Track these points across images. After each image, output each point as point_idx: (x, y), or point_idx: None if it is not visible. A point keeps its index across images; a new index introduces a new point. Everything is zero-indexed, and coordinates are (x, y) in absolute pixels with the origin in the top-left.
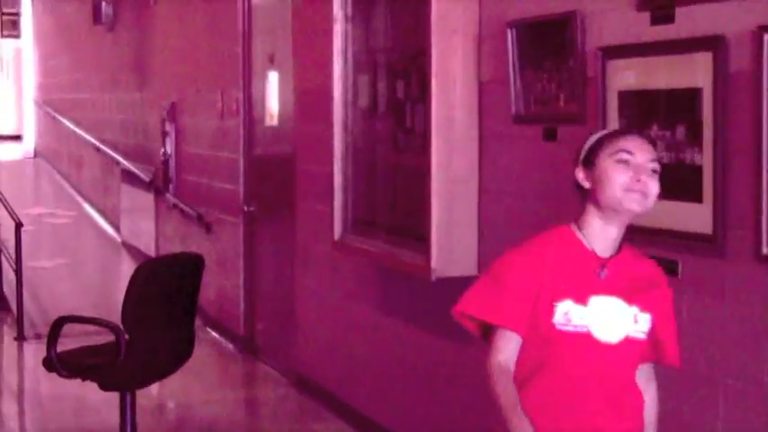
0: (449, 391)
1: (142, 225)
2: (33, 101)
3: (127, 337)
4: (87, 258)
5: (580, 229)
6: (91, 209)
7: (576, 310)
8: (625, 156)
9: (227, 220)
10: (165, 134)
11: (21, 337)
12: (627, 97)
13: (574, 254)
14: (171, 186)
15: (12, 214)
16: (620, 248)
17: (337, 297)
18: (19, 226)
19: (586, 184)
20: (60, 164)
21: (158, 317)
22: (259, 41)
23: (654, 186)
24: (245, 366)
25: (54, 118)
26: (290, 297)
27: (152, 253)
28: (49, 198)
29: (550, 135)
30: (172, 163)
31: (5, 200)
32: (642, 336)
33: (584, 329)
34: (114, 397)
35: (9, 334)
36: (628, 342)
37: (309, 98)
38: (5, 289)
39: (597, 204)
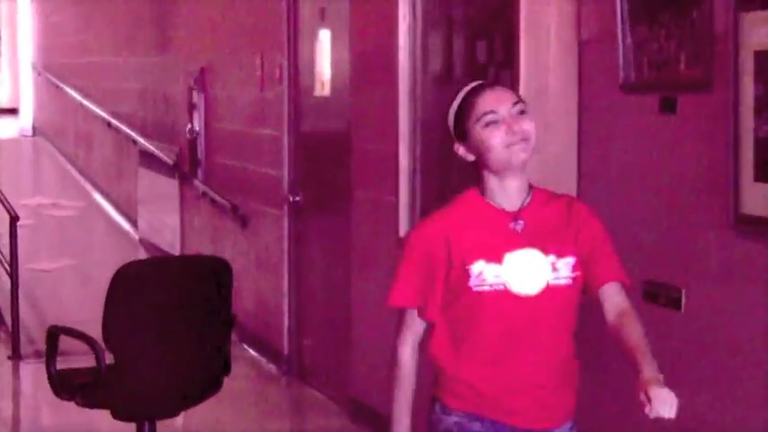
0: None
1: (164, 218)
2: (32, 66)
3: (112, 355)
4: (97, 259)
5: (482, 193)
6: (101, 198)
7: (490, 269)
8: (490, 117)
9: (269, 213)
10: (192, 107)
11: (16, 356)
12: (766, 58)
13: (483, 215)
14: (199, 171)
15: (6, 205)
16: (531, 197)
17: None
18: (14, 220)
19: (471, 157)
20: (64, 143)
21: (159, 332)
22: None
23: (527, 125)
24: (289, 391)
25: (57, 87)
26: (344, 306)
27: (176, 252)
28: (50, 185)
29: (669, 106)
30: (200, 142)
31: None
32: (566, 281)
33: (501, 287)
34: (131, 429)
35: (2, 352)
36: (549, 291)
37: (369, 62)
38: None
39: (489, 169)
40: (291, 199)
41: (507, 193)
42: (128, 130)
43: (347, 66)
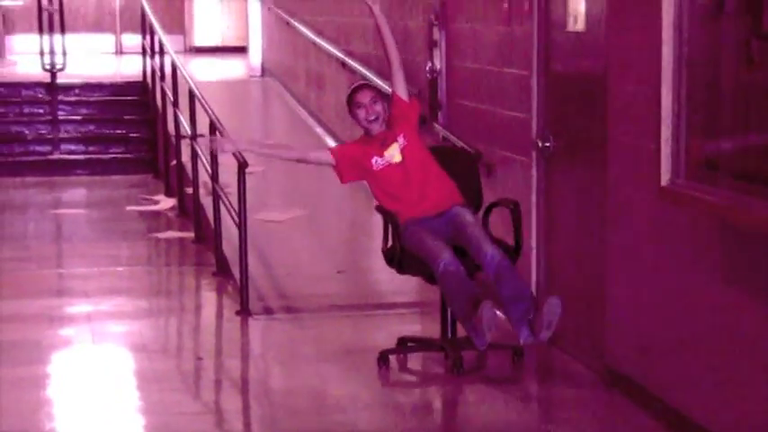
0: None
1: None
2: (260, 1)
3: None
4: (331, 209)
5: (366, 136)
6: (334, 143)
7: (379, 159)
8: (357, 104)
9: (515, 160)
10: (432, 44)
11: (245, 312)
12: None
13: (369, 141)
14: (440, 114)
15: (235, 153)
16: (386, 127)
17: (664, 263)
18: (242, 166)
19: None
20: (295, 85)
21: None
22: None
23: (378, 108)
24: (538, 357)
25: (288, 24)
26: (598, 263)
27: None
28: (280, 130)
29: None
30: (441, 83)
31: (226, 132)
32: (403, 143)
33: (386, 163)
34: (363, 392)
35: (230, 307)
36: (404, 156)
37: None
38: (226, 249)
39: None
40: (541, 145)
41: (374, 134)
42: (363, 70)
43: None
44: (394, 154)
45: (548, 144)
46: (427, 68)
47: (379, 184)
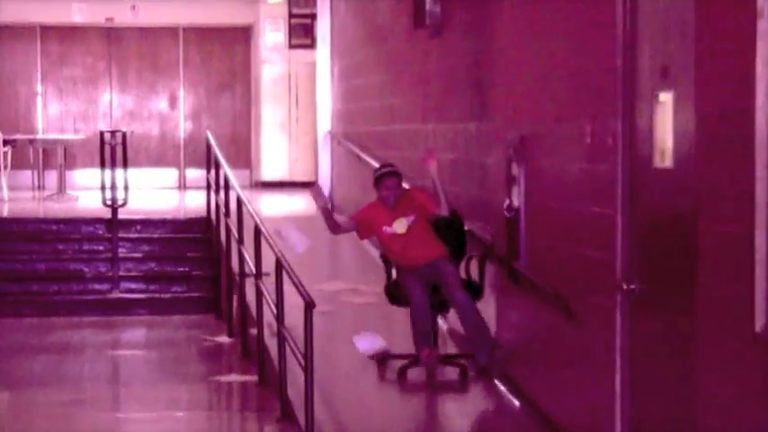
0: None
1: (479, 306)
2: (329, 135)
3: None
4: (399, 352)
5: (381, 204)
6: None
7: (387, 228)
8: (386, 187)
9: (597, 303)
10: (510, 180)
11: None
12: None
13: (382, 210)
14: (520, 255)
15: (300, 290)
16: (397, 201)
17: (763, 419)
18: (310, 306)
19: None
20: None
21: None
22: (647, 50)
23: (397, 191)
24: None
25: (358, 158)
26: (689, 417)
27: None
28: (350, 269)
29: None
30: (520, 221)
31: (292, 271)
32: (411, 221)
33: (392, 231)
34: None
35: None
36: (409, 229)
37: (720, 127)
38: (290, 392)
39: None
40: (625, 287)
41: (389, 203)
42: None
43: (692, 132)
44: (401, 226)
45: (633, 287)
46: (505, 206)
47: (384, 244)
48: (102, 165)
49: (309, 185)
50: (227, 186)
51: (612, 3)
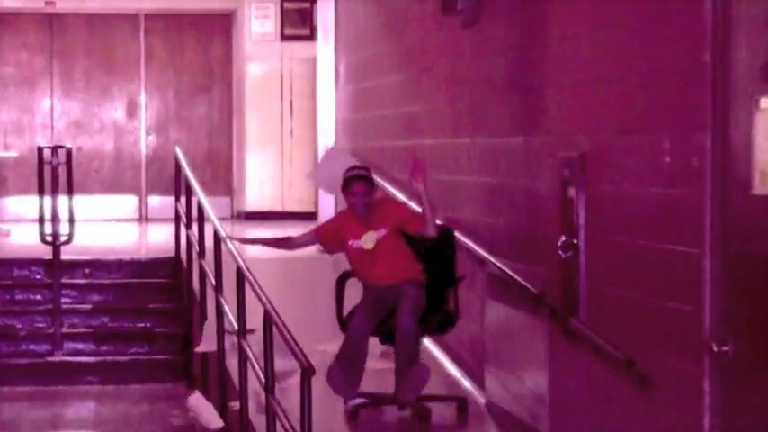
0: None
1: (523, 375)
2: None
3: None
4: None
5: (351, 213)
6: (433, 344)
7: (355, 242)
8: (353, 193)
9: (678, 369)
10: (567, 210)
11: None
12: None
13: (352, 220)
14: (579, 307)
15: (296, 351)
16: (368, 210)
17: None
18: (308, 372)
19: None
20: None
21: None
22: (743, 43)
23: (366, 198)
24: None
25: None
26: None
27: (545, 429)
28: None
29: None
30: (580, 263)
31: (285, 327)
32: (381, 235)
33: (359, 246)
34: None
35: None
36: (377, 245)
37: None
38: None
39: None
40: (716, 349)
41: (358, 213)
42: (471, 244)
43: None
44: (368, 241)
45: (726, 348)
46: (560, 244)
47: (349, 260)
48: (41, 190)
49: (307, 217)
50: (201, 218)
51: None
